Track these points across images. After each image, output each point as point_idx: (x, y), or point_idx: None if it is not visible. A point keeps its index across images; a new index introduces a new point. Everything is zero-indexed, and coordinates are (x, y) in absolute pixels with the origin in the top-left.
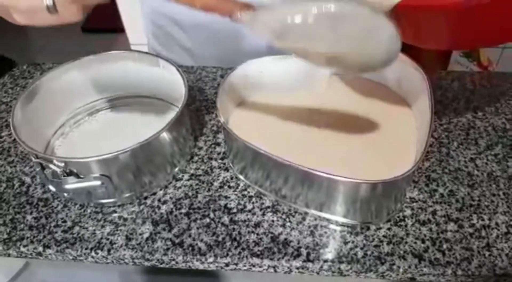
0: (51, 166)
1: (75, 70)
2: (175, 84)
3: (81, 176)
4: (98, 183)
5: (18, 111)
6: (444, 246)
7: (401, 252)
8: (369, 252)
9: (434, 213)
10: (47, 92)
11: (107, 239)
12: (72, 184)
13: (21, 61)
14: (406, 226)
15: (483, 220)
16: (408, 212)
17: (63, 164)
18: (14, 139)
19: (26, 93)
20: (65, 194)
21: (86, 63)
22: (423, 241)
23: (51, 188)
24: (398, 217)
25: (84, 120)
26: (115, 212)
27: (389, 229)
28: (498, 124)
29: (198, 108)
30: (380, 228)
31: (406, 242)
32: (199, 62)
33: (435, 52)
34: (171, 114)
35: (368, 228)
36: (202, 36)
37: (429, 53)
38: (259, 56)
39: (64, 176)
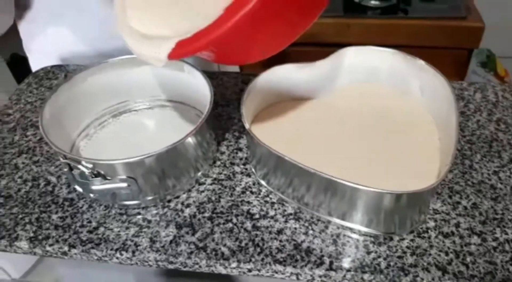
0: (80, 166)
1: (101, 73)
2: (199, 89)
3: (108, 178)
4: (124, 184)
5: (46, 112)
6: (468, 259)
7: (425, 264)
8: (392, 263)
9: (457, 225)
10: (73, 94)
11: (132, 241)
12: (99, 185)
13: None
14: (429, 237)
15: (506, 234)
16: (431, 223)
17: (91, 165)
18: (39, 139)
19: (54, 94)
20: (91, 195)
21: (111, 66)
22: (446, 254)
23: (78, 188)
24: (422, 228)
25: (108, 122)
26: (139, 214)
27: (412, 240)
28: None
29: (220, 114)
30: (403, 239)
31: (430, 254)
32: None
33: (452, 61)
34: (193, 118)
35: (391, 239)
36: None
37: (446, 62)
38: None
39: (92, 177)
